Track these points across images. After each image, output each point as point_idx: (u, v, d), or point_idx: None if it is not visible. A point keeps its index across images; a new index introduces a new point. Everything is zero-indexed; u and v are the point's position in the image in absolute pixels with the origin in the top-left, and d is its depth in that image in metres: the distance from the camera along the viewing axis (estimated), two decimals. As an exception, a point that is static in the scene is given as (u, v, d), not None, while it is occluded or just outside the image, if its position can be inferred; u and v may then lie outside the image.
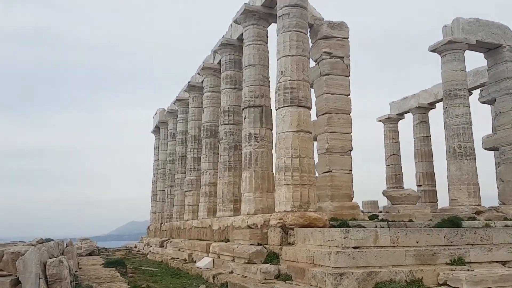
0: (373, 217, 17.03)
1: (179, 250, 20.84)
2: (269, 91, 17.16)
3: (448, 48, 19.79)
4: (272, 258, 12.78)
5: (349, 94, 17.32)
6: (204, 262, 15.47)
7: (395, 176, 29.90)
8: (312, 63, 19.14)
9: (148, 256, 25.05)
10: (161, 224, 29.75)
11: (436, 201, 26.99)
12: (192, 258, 18.10)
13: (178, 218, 26.10)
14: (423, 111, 28.72)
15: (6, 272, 8.51)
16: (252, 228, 14.86)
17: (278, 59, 14.54)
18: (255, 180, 16.11)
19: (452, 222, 13.77)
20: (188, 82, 24.96)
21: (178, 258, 19.97)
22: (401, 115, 30.73)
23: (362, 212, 17.22)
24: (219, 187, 19.10)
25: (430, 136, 28.66)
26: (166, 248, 23.36)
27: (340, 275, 9.59)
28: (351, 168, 17.41)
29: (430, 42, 20.69)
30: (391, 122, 30.67)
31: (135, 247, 33.05)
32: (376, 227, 13.51)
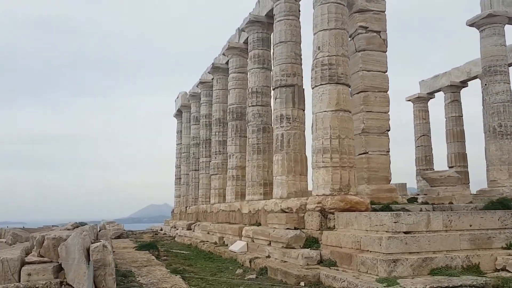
0: (412, 200, 16.33)
1: (208, 233, 20.44)
2: (301, 70, 16.43)
3: (488, 22, 18.76)
4: (311, 243, 12.21)
5: (386, 71, 16.51)
6: (237, 246, 15.01)
7: (425, 157, 29.01)
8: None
9: (176, 239, 24.77)
10: (186, 207, 29.44)
11: (468, 183, 26.09)
12: (224, 241, 17.67)
13: (203, 201, 25.72)
14: (455, 89, 27.68)
15: (47, 258, 8.10)
16: (286, 212, 14.32)
17: (314, 34, 13.75)
18: (288, 163, 15.50)
19: (502, 204, 12.99)
20: (212, 64, 24.30)
21: (208, 241, 19.59)
22: (431, 94, 29.69)
23: (400, 195, 16.56)
24: (248, 170, 18.57)
25: (462, 116, 27.71)
26: (194, 231, 23.01)
27: (394, 262, 8.97)
28: (389, 149, 16.68)
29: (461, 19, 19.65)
30: (421, 101, 29.64)
31: (161, 229, 32.86)
32: (421, 210, 12.85)
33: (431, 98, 29.86)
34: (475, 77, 26.30)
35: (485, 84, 18.93)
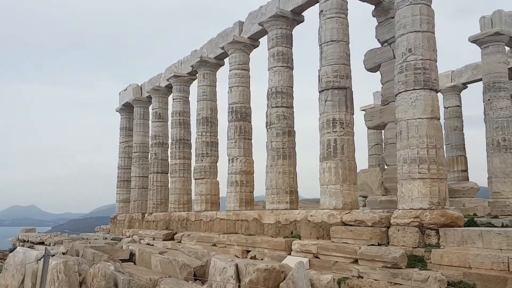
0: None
1: (214, 245, 18.10)
2: (351, 71, 15.42)
3: (493, 39, 19.63)
4: (414, 262, 11.23)
5: (424, 80, 16.28)
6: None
7: (378, 165, 29.84)
8: (376, 44, 17.77)
9: (149, 252, 21.72)
10: (143, 214, 26.34)
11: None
12: (254, 256, 15.65)
13: (177, 208, 23.16)
14: (414, 101, 28.94)
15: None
16: (350, 225, 13.17)
17: (401, 35, 12.83)
18: (342, 171, 14.37)
19: None
20: (200, 57, 22.01)
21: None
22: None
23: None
24: (270, 176, 16.97)
25: (420, 127, 29.05)
26: (181, 242, 20.38)
27: None
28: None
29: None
30: (377, 111, 30.44)
31: (105, 239, 28.94)
32: (503, 225, 12.70)
33: (386, 108, 30.89)
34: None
35: (489, 99, 19.77)
